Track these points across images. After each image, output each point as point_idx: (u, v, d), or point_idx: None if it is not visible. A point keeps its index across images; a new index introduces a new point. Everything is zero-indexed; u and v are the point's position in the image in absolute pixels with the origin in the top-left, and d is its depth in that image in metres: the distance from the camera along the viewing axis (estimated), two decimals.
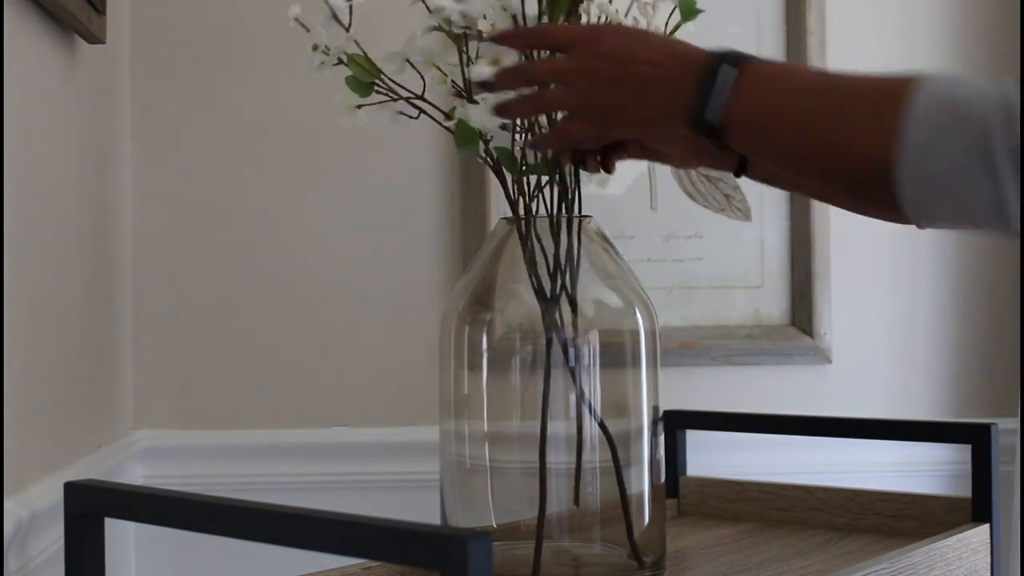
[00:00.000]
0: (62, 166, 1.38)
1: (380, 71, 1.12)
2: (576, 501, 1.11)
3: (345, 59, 1.12)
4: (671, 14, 1.14)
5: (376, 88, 1.13)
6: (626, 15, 1.12)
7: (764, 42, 1.91)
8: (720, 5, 1.89)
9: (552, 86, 0.97)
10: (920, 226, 0.85)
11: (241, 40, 1.80)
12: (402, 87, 1.12)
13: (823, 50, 1.90)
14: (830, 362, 1.91)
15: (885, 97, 0.83)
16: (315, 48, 1.12)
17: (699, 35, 1.17)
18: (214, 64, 1.79)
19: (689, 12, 1.14)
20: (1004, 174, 0.78)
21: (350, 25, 1.12)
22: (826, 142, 0.86)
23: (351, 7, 1.11)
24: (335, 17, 1.12)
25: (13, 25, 1.18)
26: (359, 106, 1.12)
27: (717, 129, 0.90)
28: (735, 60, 0.90)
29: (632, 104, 0.93)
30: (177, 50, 1.78)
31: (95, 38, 1.44)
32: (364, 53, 1.12)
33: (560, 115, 1.00)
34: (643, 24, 1.14)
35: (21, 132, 1.20)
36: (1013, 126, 0.77)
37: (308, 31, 1.12)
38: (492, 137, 1.09)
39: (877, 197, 0.84)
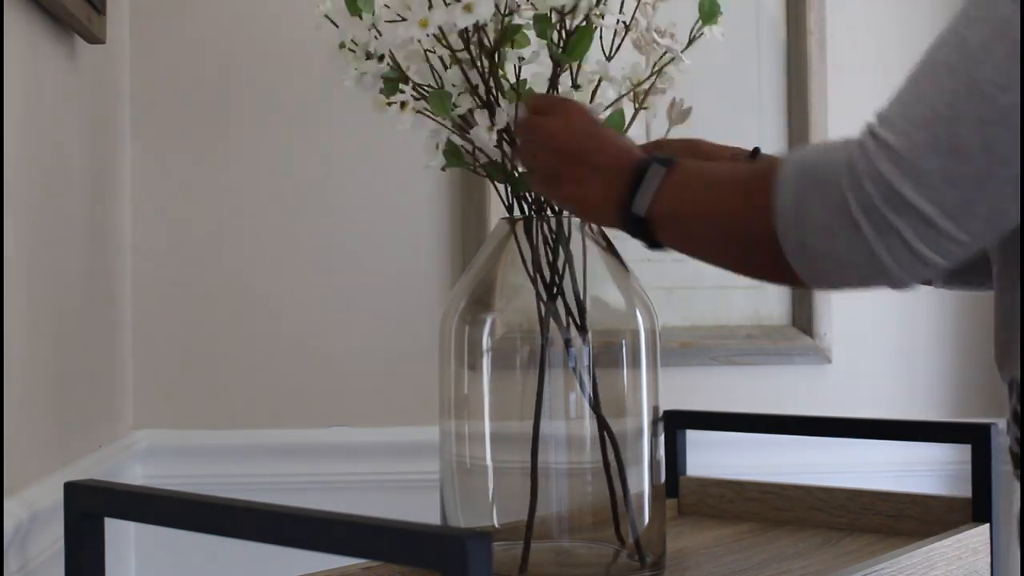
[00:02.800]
0: (62, 166, 1.38)
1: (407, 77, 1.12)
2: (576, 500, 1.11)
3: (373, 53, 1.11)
4: (695, 26, 1.15)
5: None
6: (630, 25, 1.13)
7: (764, 42, 1.91)
8: (720, 5, 1.89)
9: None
10: (823, 289, 0.88)
11: (241, 40, 1.80)
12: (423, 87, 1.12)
13: (823, 50, 1.90)
14: (830, 362, 1.91)
15: (757, 179, 0.87)
16: (342, 46, 1.11)
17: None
18: (214, 64, 1.79)
19: (711, 14, 1.14)
20: (866, 229, 0.80)
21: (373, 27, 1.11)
22: (721, 234, 0.91)
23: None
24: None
25: (13, 25, 1.18)
26: (389, 103, 1.12)
27: (644, 223, 0.94)
28: (666, 161, 0.94)
29: (569, 181, 0.99)
30: (177, 50, 1.78)
31: (95, 38, 1.44)
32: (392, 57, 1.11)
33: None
34: (643, 24, 1.14)
35: (21, 132, 1.20)
36: (858, 181, 0.80)
37: (337, 26, 1.11)
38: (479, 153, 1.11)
39: (783, 272, 0.87)
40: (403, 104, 1.10)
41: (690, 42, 1.15)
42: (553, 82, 1.12)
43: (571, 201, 1.01)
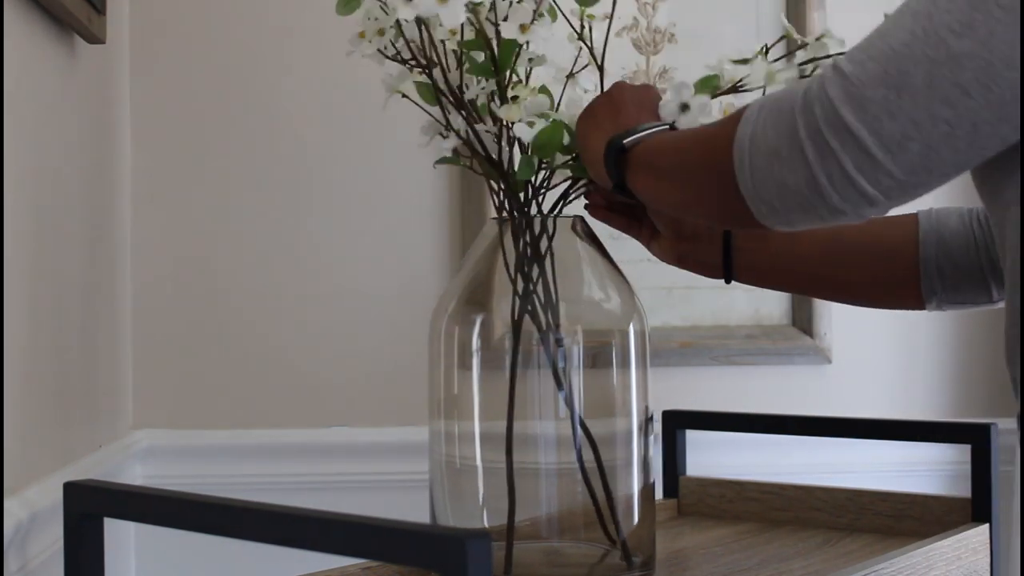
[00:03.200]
0: (62, 166, 1.38)
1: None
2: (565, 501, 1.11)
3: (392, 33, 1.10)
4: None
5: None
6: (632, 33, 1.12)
7: (764, 42, 1.90)
8: (720, 5, 1.89)
9: None
10: (767, 223, 0.90)
11: (241, 40, 1.80)
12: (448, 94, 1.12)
13: None
14: (830, 362, 1.91)
15: (728, 120, 0.92)
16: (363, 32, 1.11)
17: (699, 36, 1.18)
18: (214, 64, 1.79)
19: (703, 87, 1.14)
20: (809, 151, 0.83)
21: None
22: (685, 169, 0.97)
23: None
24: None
25: (13, 25, 1.18)
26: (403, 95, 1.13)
27: (623, 155, 1.02)
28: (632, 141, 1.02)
29: (593, 129, 1.07)
30: (177, 50, 1.78)
31: (95, 38, 1.44)
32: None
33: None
34: (643, 23, 1.14)
35: (21, 132, 1.20)
36: (809, 104, 0.83)
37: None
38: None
39: (733, 207, 0.91)
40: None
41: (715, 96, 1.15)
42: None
43: (585, 150, 1.08)
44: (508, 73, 1.09)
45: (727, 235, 1.20)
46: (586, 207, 1.19)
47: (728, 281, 1.24)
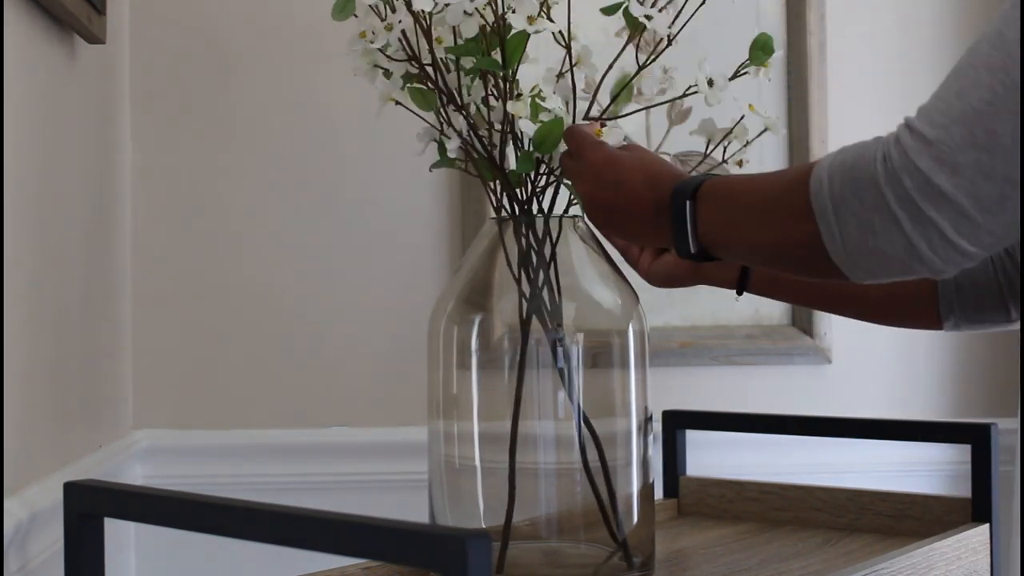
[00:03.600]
0: (62, 166, 1.38)
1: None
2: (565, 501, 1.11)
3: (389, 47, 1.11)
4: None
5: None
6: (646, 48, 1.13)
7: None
8: (720, 5, 1.89)
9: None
10: (867, 282, 0.89)
11: (241, 40, 1.80)
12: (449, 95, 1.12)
13: (823, 50, 1.90)
14: (830, 362, 1.91)
15: (792, 189, 0.90)
16: (363, 35, 1.11)
17: (699, 36, 1.18)
18: (214, 64, 1.79)
19: (760, 57, 1.15)
20: (904, 222, 0.82)
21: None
22: (763, 244, 0.94)
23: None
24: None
25: (13, 25, 1.18)
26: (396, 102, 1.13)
27: (703, 254, 0.98)
28: (685, 193, 0.97)
29: (623, 230, 1.05)
30: (177, 50, 1.78)
31: (95, 38, 1.44)
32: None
33: None
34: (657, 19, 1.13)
35: (21, 131, 1.20)
36: (895, 175, 0.82)
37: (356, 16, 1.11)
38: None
39: (826, 270, 0.90)
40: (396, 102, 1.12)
41: (733, 77, 1.16)
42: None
43: (636, 241, 1.10)
44: (515, 67, 1.10)
45: None
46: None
47: (740, 294, 1.25)
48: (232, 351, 1.79)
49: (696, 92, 1.15)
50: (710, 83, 1.13)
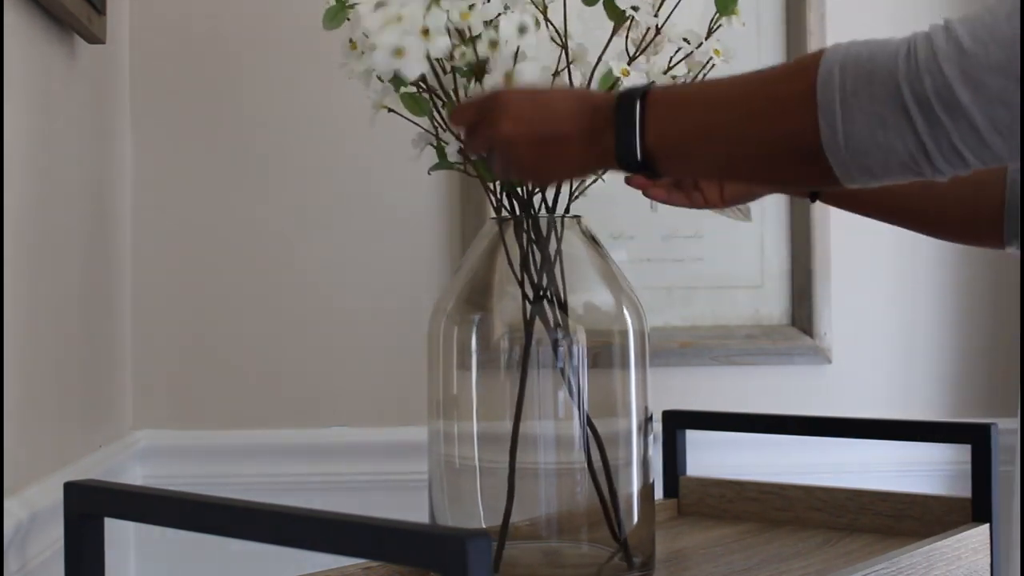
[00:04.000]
0: (62, 166, 1.38)
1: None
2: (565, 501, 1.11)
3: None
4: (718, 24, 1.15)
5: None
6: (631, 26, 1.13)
7: (764, 42, 1.91)
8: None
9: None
10: (850, 185, 0.88)
11: (241, 40, 1.80)
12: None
13: None
14: (830, 362, 1.91)
15: (793, 77, 0.87)
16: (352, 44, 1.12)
17: (698, 36, 1.17)
18: (214, 64, 1.79)
19: (727, 3, 1.14)
20: (917, 119, 0.82)
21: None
22: (748, 143, 0.90)
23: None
24: None
25: (13, 25, 1.18)
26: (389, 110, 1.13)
27: (646, 164, 0.93)
28: (633, 96, 0.93)
29: (556, 161, 0.98)
30: (177, 50, 1.78)
31: (95, 38, 1.44)
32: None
33: None
34: (642, 23, 1.14)
35: (21, 132, 1.20)
36: (916, 72, 0.82)
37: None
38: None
39: (808, 171, 0.88)
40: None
41: (709, 33, 1.15)
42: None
43: (567, 178, 1.02)
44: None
45: None
46: (645, 193, 1.16)
47: (813, 201, 1.23)
48: (232, 351, 1.79)
49: (678, 64, 1.14)
50: (687, 41, 1.13)
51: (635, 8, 1.11)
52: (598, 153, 0.95)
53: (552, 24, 1.12)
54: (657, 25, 1.13)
